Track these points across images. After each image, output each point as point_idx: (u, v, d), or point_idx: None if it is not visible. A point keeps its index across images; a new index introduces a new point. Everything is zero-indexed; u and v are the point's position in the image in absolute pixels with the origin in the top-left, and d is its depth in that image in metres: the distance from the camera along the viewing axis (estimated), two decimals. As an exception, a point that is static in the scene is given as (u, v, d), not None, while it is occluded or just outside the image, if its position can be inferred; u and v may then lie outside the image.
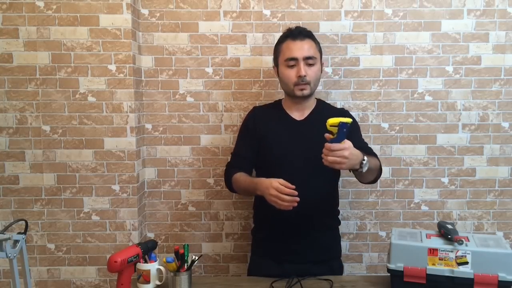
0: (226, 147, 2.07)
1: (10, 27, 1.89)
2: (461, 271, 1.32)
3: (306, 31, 1.69)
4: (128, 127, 1.93)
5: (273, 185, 1.45)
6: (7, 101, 1.92)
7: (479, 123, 2.06)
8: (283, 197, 1.43)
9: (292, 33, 1.67)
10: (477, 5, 2.01)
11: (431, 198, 2.10)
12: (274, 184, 1.45)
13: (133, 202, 1.96)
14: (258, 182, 1.53)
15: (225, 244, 2.13)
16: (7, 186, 1.95)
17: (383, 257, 2.12)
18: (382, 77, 2.05)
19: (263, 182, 1.50)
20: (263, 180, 1.52)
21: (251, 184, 1.59)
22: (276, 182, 1.45)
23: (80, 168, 1.95)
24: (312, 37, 1.69)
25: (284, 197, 1.43)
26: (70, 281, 1.99)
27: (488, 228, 2.10)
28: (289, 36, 1.67)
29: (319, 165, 1.57)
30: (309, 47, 1.64)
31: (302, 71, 1.61)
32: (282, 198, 1.43)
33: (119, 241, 1.97)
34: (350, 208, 2.11)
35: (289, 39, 1.66)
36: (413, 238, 1.42)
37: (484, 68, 2.04)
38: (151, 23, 2.02)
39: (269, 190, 1.45)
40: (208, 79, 2.05)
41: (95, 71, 1.91)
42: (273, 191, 1.44)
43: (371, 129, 2.07)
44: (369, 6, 2.01)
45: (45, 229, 1.97)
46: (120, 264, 1.30)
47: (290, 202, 1.43)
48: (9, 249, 1.13)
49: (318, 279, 1.54)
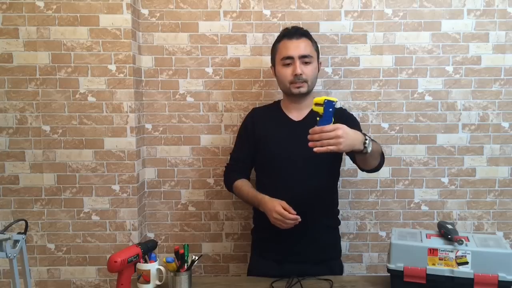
0: (226, 147, 2.07)
1: (10, 27, 1.89)
2: (461, 271, 1.32)
3: (302, 30, 1.70)
4: (128, 127, 1.93)
5: (276, 210, 1.51)
6: (7, 101, 1.92)
7: (479, 123, 2.06)
8: (286, 222, 1.50)
9: (289, 32, 1.69)
10: (477, 5, 2.01)
11: (431, 198, 2.10)
12: (277, 209, 1.51)
13: (133, 202, 1.96)
14: (262, 201, 1.59)
15: (225, 244, 2.13)
16: (7, 186, 1.95)
17: (383, 257, 2.12)
18: (382, 77, 2.05)
19: (267, 204, 1.56)
20: (266, 200, 1.57)
21: (254, 199, 1.64)
22: (279, 206, 1.51)
23: (80, 168, 1.95)
24: (308, 36, 1.69)
25: (286, 221, 1.50)
26: (70, 281, 1.99)
27: (488, 228, 2.10)
28: (285, 36, 1.69)
29: (318, 165, 1.57)
30: (305, 46, 1.65)
31: (298, 70, 1.62)
32: (285, 222, 1.50)
33: (119, 241, 1.97)
34: (350, 208, 2.11)
35: (285, 39, 1.68)
36: (413, 238, 1.42)
37: (484, 68, 2.04)
38: (151, 23, 2.02)
39: (272, 213, 1.52)
40: (208, 79, 2.05)
41: (95, 71, 1.91)
42: (276, 215, 1.51)
43: (371, 129, 2.07)
44: (369, 6, 2.01)
45: (45, 229, 1.97)
46: (120, 264, 1.30)
47: (292, 223, 1.51)
48: (9, 249, 1.13)
49: (318, 279, 1.54)
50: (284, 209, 1.50)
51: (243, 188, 1.70)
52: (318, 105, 1.31)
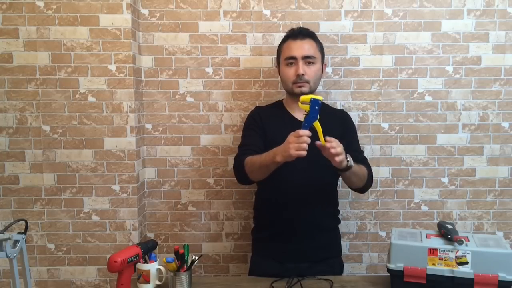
0: (226, 147, 2.07)
1: (10, 27, 1.89)
2: (461, 271, 1.32)
3: (308, 31, 1.71)
4: (128, 127, 1.93)
5: (289, 139, 1.38)
6: (7, 101, 1.92)
7: (479, 123, 2.06)
8: (302, 139, 1.35)
9: (293, 33, 1.71)
10: (477, 5, 2.01)
11: (431, 198, 2.10)
12: (290, 139, 1.38)
13: (133, 202, 1.96)
14: (275, 149, 1.45)
15: (225, 244, 2.13)
16: (7, 186, 1.95)
17: (383, 257, 2.12)
18: (382, 77, 2.05)
19: (280, 146, 1.42)
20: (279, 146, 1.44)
21: (268, 155, 1.48)
22: (290, 135, 1.39)
23: (80, 168, 1.95)
24: (313, 37, 1.70)
25: (302, 138, 1.35)
26: (70, 281, 1.99)
27: (488, 228, 2.10)
28: (290, 36, 1.71)
29: (320, 165, 1.57)
30: (309, 47, 1.66)
31: (300, 70, 1.63)
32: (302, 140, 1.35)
33: (119, 241, 1.97)
34: (350, 208, 2.11)
35: (290, 39, 1.70)
36: (413, 238, 1.42)
37: (484, 68, 2.04)
38: (151, 23, 2.02)
39: (288, 145, 1.37)
40: (208, 79, 2.05)
41: (95, 71, 1.91)
42: (292, 139, 1.36)
43: (371, 129, 2.07)
44: (369, 6, 2.01)
45: (45, 229, 1.97)
46: (120, 264, 1.30)
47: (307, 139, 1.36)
48: (9, 249, 1.13)
49: (318, 279, 1.54)
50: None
51: (254, 157, 1.55)
52: (304, 103, 1.36)
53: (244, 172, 1.59)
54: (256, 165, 1.54)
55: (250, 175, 1.59)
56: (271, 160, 1.45)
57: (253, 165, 1.55)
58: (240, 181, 1.66)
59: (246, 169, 1.58)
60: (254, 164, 1.54)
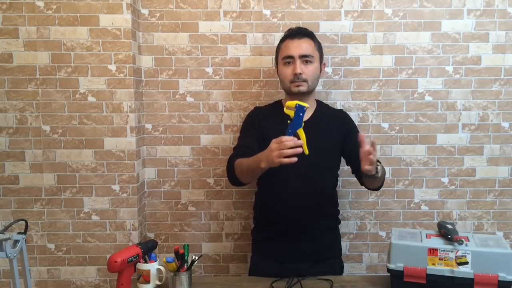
0: (226, 147, 2.07)
1: (10, 27, 1.89)
2: (461, 271, 1.32)
3: (305, 31, 1.71)
4: (128, 127, 1.93)
5: (271, 146, 1.35)
6: (7, 101, 1.92)
7: (479, 123, 2.06)
8: (284, 144, 1.32)
9: (291, 32, 1.71)
10: (477, 5, 2.01)
11: (431, 198, 2.10)
12: (272, 146, 1.35)
13: (133, 202, 1.96)
14: (260, 154, 1.43)
15: (225, 244, 2.13)
16: (7, 186, 1.95)
17: (383, 257, 2.12)
18: (382, 77, 2.05)
19: (264, 151, 1.40)
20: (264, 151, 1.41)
21: (253, 160, 1.47)
22: (273, 141, 1.36)
23: (80, 168, 1.95)
24: (310, 36, 1.71)
25: (285, 143, 1.31)
26: (70, 281, 1.99)
27: (488, 228, 2.10)
28: (288, 36, 1.71)
29: (319, 165, 1.57)
30: (307, 46, 1.67)
31: (298, 69, 1.64)
32: (284, 145, 1.31)
33: (119, 241, 1.97)
34: (350, 208, 2.11)
35: (288, 39, 1.70)
36: (413, 238, 1.42)
37: (484, 68, 2.04)
38: (151, 23, 2.02)
39: (271, 152, 1.34)
40: (208, 79, 2.05)
41: (95, 71, 1.91)
42: (274, 146, 1.33)
43: (371, 129, 2.07)
44: (369, 6, 2.01)
45: (45, 229, 1.97)
46: (120, 264, 1.30)
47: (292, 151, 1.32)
48: (9, 249, 1.13)
49: (318, 279, 1.54)
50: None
51: (242, 160, 1.54)
52: (289, 109, 1.36)
53: (234, 174, 1.59)
54: (244, 168, 1.53)
55: (240, 178, 1.58)
56: (256, 166, 1.44)
57: (242, 168, 1.55)
58: (232, 182, 1.65)
59: (236, 171, 1.58)
60: (242, 167, 1.54)
